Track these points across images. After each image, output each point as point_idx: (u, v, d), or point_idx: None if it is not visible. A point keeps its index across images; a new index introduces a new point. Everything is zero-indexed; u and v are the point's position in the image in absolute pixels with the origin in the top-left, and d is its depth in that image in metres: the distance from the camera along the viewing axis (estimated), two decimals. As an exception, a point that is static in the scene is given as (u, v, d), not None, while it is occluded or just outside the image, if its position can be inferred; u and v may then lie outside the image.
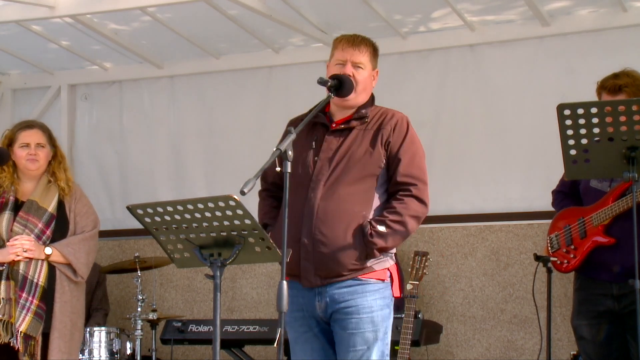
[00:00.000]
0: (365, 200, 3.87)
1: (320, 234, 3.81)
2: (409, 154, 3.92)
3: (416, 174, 3.91)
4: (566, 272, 4.73)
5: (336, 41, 4.06)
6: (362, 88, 3.97)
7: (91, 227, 5.12)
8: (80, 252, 5.00)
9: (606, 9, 6.13)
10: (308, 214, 3.84)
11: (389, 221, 3.82)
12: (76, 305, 5.04)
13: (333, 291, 3.84)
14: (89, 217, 5.14)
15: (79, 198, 5.14)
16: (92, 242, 5.11)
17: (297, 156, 3.91)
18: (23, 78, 7.73)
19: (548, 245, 4.80)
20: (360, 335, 3.82)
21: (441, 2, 6.04)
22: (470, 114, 6.54)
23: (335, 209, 3.82)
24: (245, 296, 7.08)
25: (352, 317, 3.83)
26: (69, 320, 4.97)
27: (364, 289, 3.84)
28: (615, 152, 3.72)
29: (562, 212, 4.74)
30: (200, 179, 7.26)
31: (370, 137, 3.92)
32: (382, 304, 3.87)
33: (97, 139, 7.63)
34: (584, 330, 4.55)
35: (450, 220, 6.47)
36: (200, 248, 3.53)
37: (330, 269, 3.81)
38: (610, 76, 4.54)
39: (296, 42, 6.86)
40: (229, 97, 7.24)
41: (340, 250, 3.79)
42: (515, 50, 6.46)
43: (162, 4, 5.98)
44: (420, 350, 6.30)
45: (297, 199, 3.84)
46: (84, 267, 5.01)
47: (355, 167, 3.87)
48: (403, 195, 3.87)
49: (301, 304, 3.90)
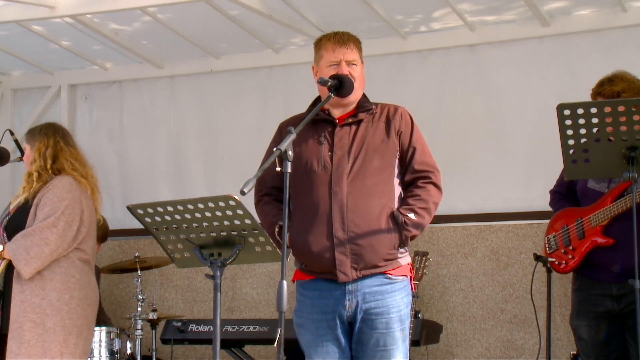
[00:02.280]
0: (388, 190, 3.93)
1: (355, 226, 3.84)
2: (420, 143, 4.01)
3: (431, 162, 4.01)
4: (564, 273, 4.73)
5: (321, 43, 4.04)
6: (359, 84, 3.99)
7: (40, 220, 4.73)
8: (19, 248, 4.67)
9: (606, 9, 6.13)
10: (338, 208, 3.86)
11: (417, 209, 3.90)
12: (40, 305, 4.70)
13: (364, 290, 3.87)
14: (43, 210, 4.75)
15: (47, 191, 4.82)
16: (38, 235, 4.69)
17: (307, 155, 3.95)
18: (23, 78, 7.73)
19: (546, 246, 4.80)
20: (391, 334, 3.88)
21: (441, 2, 6.04)
22: (470, 114, 6.55)
23: (364, 200, 3.87)
24: (245, 296, 7.08)
25: (383, 317, 3.88)
26: (27, 321, 4.67)
27: (393, 287, 3.91)
28: (615, 152, 3.72)
29: (560, 213, 4.73)
30: (200, 179, 7.27)
31: (383, 128, 3.97)
32: (407, 301, 3.97)
33: (97, 139, 7.63)
34: (583, 331, 4.54)
35: (450, 220, 6.47)
36: (200, 248, 3.54)
37: (366, 260, 3.85)
38: (605, 81, 4.47)
39: (296, 42, 6.86)
40: (229, 97, 7.24)
41: (376, 240, 3.85)
42: (515, 50, 6.46)
43: (162, 4, 5.98)
44: (420, 350, 6.31)
45: (321, 195, 3.88)
46: (21, 264, 4.65)
47: (374, 157, 3.92)
48: (425, 183, 3.95)
49: (326, 305, 3.91)
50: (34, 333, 4.68)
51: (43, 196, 4.80)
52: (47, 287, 4.74)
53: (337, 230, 3.84)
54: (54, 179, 4.87)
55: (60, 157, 4.97)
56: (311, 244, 3.85)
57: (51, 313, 4.72)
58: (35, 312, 4.70)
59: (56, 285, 4.76)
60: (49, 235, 4.71)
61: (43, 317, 4.70)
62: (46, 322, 4.70)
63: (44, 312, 4.71)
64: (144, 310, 6.36)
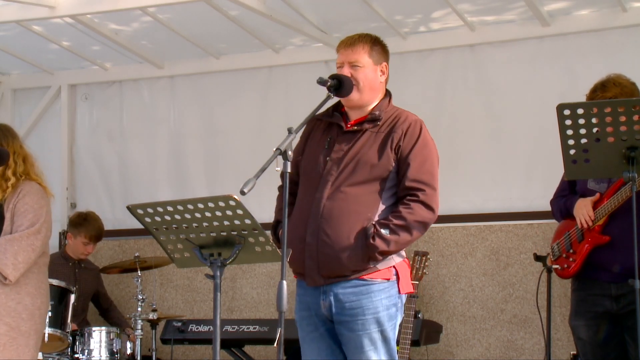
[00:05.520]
0: (370, 202, 3.84)
1: (324, 234, 3.81)
2: (419, 158, 3.87)
3: (425, 179, 3.86)
4: (568, 277, 4.71)
5: (337, 45, 4.07)
6: (366, 86, 3.94)
7: (26, 227, 4.71)
8: (5, 252, 4.64)
9: (606, 9, 6.13)
10: (314, 213, 3.85)
11: (392, 225, 3.79)
12: (16, 309, 4.68)
13: (337, 290, 3.83)
14: (26, 216, 4.73)
15: (22, 197, 4.78)
16: (25, 241, 4.68)
17: (311, 155, 3.96)
18: (23, 78, 7.73)
19: (550, 255, 4.80)
20: (367, 335, 3.81)
21: (441, 2, 6.04)
22: (470, 114, 6.55)
23: (340, 209, 3.82)
24: (245, 296, 7.08)
25: (358, 318, 3.82)
26: (2, 325, 4.63)
27: (369, 289, 3.82)
28: (615, 152, 3.72)
29: (562, 223, 4.73)
30: (201, 179, 7.27)
31: (381, 140, 3.89)
32: (387, 303, 3.84)
33: (97, 139, 7.64)
34: (581, 331, 4.54)
35: (450, 220, 6.47)
36: (200, 248, 3.53)
37: (332, 269, 3.81)
38: (598, 87, 4.45)
39: (296, 42, 6.86)
40: (229, 97, 7.24)
41: (342, 251, 3.78)
42: (515, 50, 6.46)
43: (162, 4, 5.98)
44: (420, 350, 6.31)
45: (306, 198, 3.88)
46: (8, 269, 4.63)
47: (362, 170, 3.86)
48: (410, 200, 3.83)
49: (308, 302, 3.92)
50: (9, 337, 4.67)
51: (18, 202, 4.77)
52: (22, 291, 4.75)
53: (308, 236, 3.83)
54: (24, 184, 4.84)
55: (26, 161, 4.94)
56: (290, 244, 3.80)
57: (26, 317, 4.74)
58: (11, 315, 4.69)
59: (30, 290, 4.78)
60: (34, 242, 4.73)
61: (18, 321, 4.71)
62: (21, 326, 4.71)
63: (19, 316, 4.71)
64: (144, 310, 6.36)
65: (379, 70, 4.01)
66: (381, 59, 4.02)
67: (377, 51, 4.01)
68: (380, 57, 4.02)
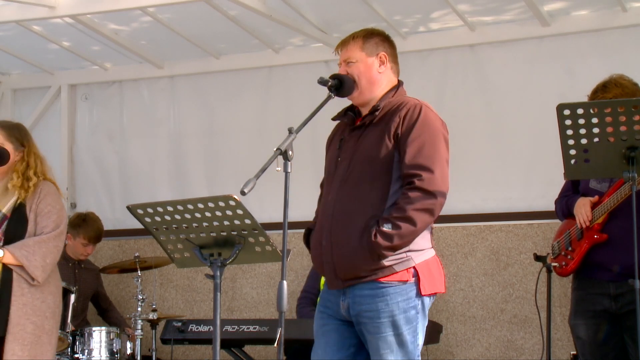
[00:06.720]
0: (378, 198, 3.73)
1: (336, 236, 3.75)
2: (416, 142, 3.70)
3: (422, 163, 3.68)
4: (567, 275, 4.71)
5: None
6: (365, 81, 3.88)
7: (51, 228, 4.82)
8: (35, 254, 4.74)
9: (606, 9, 6.13)
10: (328, 216, 3.80)
11: (393, 219, 3.64)
12: (40, 307, 4.79)
13: (355, 292, 3.76)
14: (50, 218, 4.83)
15: (43, 197, 4.85)
16: (52, 243, 4.80)
17: (329, 156, 3.98)
18: (23, 78, 7.73)
19: (550, 253, 4.81)
20: (383, 339, 3.71)
21: (441, 2, 6.04)
22: (470, 114, 6.55)
23: (348, 210, 3.76)
24: (245, 296, 7.08)
25: (373, 321, 3.72)
26: (29, 323, 4.73)
27: (385, 292, 3.70)
28: (615, 152, 3.72)
29: (565, 222, 4.75)
30: (201, 179, 7.27)
31: (379, 131, 3.78)
32: (405, 306, 3.70)
33: (97, 139, 7.64)
34: (580, 330, 4.54)
35: (450, 220, 6.46)
36: (200, 248, 3.54)
37: (347, 271, 3.73)
38: (599, 88, 4.45)
39: (296, 42, 6.86)
40: (229, 97, 7.24)
41: (353, 252, 3.70)
42: (515, 50, 6.46)
43: (162, 4, 5.98)
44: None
45: (325, 201, 3.87)
46: (38, 271, 4.72)
47: (366, 166, 3.77)
48: (407, 189, 3.67)
49: (329, 301, 3.89)
50: (35, 335, 4.77)
51: (40, 202, 4.85)
52: (45, 290, 4.85)
53: (324, 239, 3.80)
54: (43, 184, 4.91)
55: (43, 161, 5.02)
56: (312, 249, 3.89)
57: (49, 316, 4.86)
58: (37, 314, 4.79)
59: (52, 290, 4.90)
60: (59, 244, 4.87)
61: (43, 320, 4.81)
62: (45, 324, 4.82)
63: (43, 315, 4.82)
64: (144, 310, 6.36)
65: (375, 61, 3.90)
66: (378, 49, 3.91)
67: (372, 43, 3.91)
68: (376, 48, 3.91)
